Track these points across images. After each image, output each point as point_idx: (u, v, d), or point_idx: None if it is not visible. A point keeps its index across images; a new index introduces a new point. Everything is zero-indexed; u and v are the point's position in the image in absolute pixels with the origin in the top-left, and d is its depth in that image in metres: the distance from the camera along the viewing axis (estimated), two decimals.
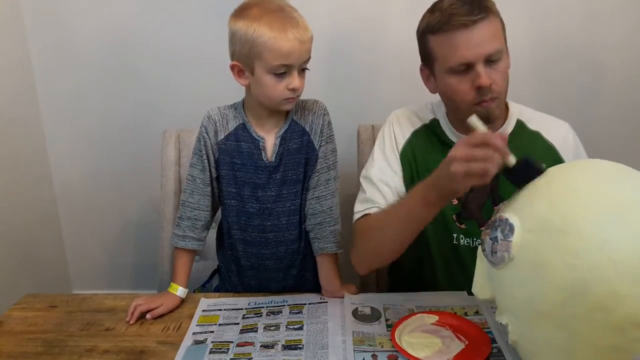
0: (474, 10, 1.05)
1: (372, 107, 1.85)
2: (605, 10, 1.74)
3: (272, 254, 1.21)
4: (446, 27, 1.07)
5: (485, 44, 1.06)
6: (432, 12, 1.11)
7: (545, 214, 0.78)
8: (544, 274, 0.76)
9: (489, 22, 1.06)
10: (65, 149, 1.98)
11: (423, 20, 1.14)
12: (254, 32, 1.03)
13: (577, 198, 0.77)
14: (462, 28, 1.05)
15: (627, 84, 1.81)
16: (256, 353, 0.99)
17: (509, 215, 0.81)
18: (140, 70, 1.87)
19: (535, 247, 0.77)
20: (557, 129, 1.21)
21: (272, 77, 1.07)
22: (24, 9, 1.83)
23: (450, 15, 1.06)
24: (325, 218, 1.18)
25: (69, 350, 1.03)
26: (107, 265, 2.13)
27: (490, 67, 1.07)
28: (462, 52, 1.06)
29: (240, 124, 1.18)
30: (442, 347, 0.97)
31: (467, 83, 1.09)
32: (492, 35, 1.07)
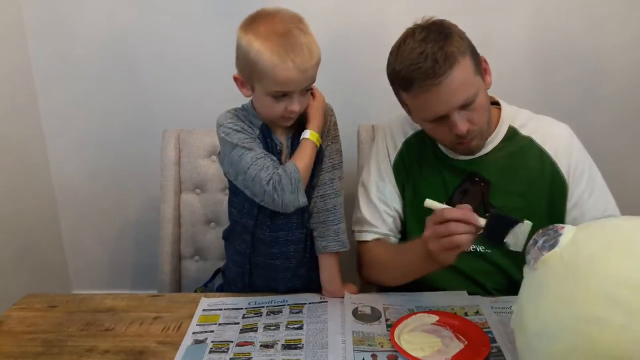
0: (437, 68, 1.01)
1: (372, 107, 1.85)
2: (606, 14, 1.74)
3: (282, 253, 1.20)
4: (411, 89, 1.05)
5: (455, 97, 1.04)
6: (396, 59, 1.07)
7: (583, 257, 0.75)
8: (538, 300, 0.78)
9: (455, 73, 1.02)
10: (65, 149, 1.98)
11: (389, 65, 1.10)
12: (255, 56, 1.01)
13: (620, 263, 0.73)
14: (427, 90, 1.03)
15: (629, 88, 1.81)
16: (256, 353, 0.99)
17: (564, 234, 0.79)
18: (140, 70, 1.87)
19: (550, 277, 0.77)
20: (553, 133, 1.19)
21: (270, 99, 1.06)
22: (25, 11, 1.83)
23: (412, 78, 1.03)
24: (328, 217, 1.18)
25: (69, 350, 1.03)
26: (106, 265, 2.13)
27: (466, 110, 1.06)
28: (433, 109, 1.06)
29: (262, 124, 1.14)
30: (441, 347, 0.97)
31: (444, 128, 1.09)
32: (461, 85, 1.03)
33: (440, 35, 1.03)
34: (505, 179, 1.17)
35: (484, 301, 1.12)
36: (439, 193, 1.19)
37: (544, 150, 1.17)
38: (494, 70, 1.16)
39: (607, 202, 1.18)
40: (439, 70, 1.01)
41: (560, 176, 1.16)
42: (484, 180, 1.17)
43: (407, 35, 1.07)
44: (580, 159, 1.18)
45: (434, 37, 1.03)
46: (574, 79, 1.81)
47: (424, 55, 1.01)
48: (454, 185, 1.19)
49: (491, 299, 1.13)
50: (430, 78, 1.01)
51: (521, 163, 1.17)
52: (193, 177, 1.57)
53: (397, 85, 1.10)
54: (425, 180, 1.22)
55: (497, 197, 1.17)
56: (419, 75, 1.02)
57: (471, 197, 1.18)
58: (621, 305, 0.68)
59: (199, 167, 1.57)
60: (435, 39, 1.03)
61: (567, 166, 1.16)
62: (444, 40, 1.03)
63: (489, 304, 1.11)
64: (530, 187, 1.16)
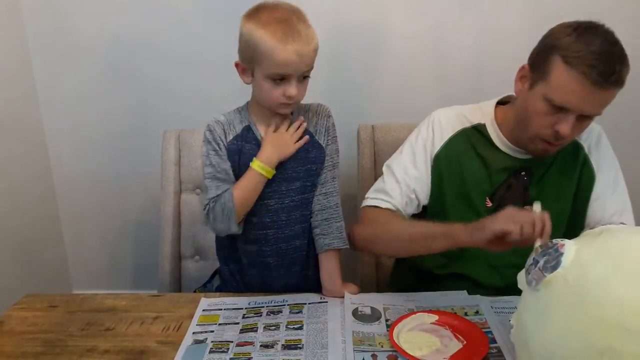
0: (612, 76, 1.01)
1: (372, 107, 1.85)
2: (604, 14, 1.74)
3: (273, 251, 1.21)
4: (580, 70, 1.02)
5: (594, 107, 1.06)
6: (578, 39, 1.04)
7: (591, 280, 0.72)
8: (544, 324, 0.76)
9: (612, 91, 1.04)
10: (65, 149, 1.99)
11: (562, 37, 1.07)
12: (256, 39, 1.06)
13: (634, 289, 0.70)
14: (590, 83, 1.02)
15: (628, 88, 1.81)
16: (256, 353, 0.99)
17: (566, 253, 0.76)
18: (141, 70, 1.87)
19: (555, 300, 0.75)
20: (588, 130, 1.20)
21: (269, 83, 1.09)
22: (25, 12, 1.83)
23: (592, 64, 1.01)
24: (332, 214, 1.20)
25: (69, 350, 1.03)
26: (107, 265, 2.13)
27: (578, 120, 1.07)
28: (573, 99, 1.04)
29: (246, 125, 1.19)
30: (439, 346, 0.97)
31: (552, 119, 1.08)
32: (604, 102, 1.05)
33: (624, 54, 1.05)
34: (545, 174, 1.21)
35: (484, 301, 1.12)
36: (483, 187, 1.21)
37: (579, 143, 1.22)
38: (493, 70, 1.16)
39: (625, 204, 1.23)
40: (613, 79, 1.01)
41: (590, 167, 1.21)
42: (529, 173, 1.20)
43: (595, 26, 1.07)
44: (609, 157, 1.24)
45: (621, 51, 1.05)
46: None
47: (612, 56, 1.02)
48: (499, 180, 1.21)
49: (491, 299, 1.13)
50: (604, 78, 1.01)
51: (560, 155, 1.20)
52: (193, 177, 1.57)
53: (563, 56, 1.04)
54: (470, 174, 1.22)
55: (534, 189, 1.20)
56: (599, 67, 1.01)
57: (514, 191, 1.20)
58: (637, 336, 0.66)
59: (199, 168, 1.57)
60: (621, 55, 1.04)
61: (597, 160, 1.22)
62: (625, 61, 1.04)
63: (489, 303, 1.11)
64: (563, 178, 1.20)
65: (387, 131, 1.56)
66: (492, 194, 1.21)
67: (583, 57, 1.02)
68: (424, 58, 1.84)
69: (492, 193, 1.21)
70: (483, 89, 1.73)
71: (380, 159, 1.54)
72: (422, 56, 1.84)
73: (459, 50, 1.78)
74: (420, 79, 1.86)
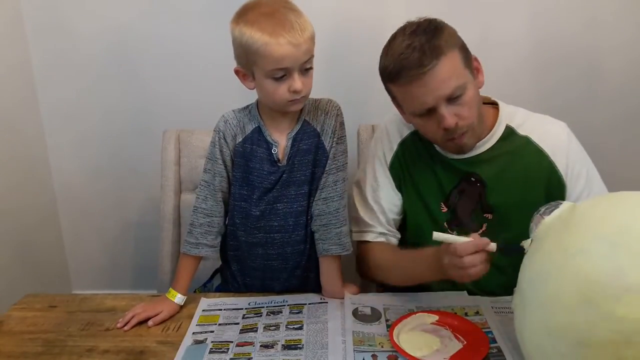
0: (424, 58, 1.02)
1: (372, 107, 1.84)
2: (604, 15, 1.74)
3: (279, 255, 1.20)
4: (399, 80, 1.06)
5: (442, 88, 1.04)
6: (386, 54, 1.09)
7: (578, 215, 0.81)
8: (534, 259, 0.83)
9: (441, 64, 1.03)
10: (65, 149, 1.98)
11: (380, 61, 1.11)
12: (247, 39, 1.02)
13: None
14: (414, 80, 1.04)
15: (626, 88, 1.81)
16: (256, 353, 0.99)
17: (565, 203, 0.85)
18: (141, 70, 1.87)
19: (546, 232, 0.83)
20: (550, 131, 1.19)
21: (271, 81, 1.06)
22: (25, 12, 1.83)
23: (400, 68, 1.04)
24: (331, 220, 1.17)
25: (69, 350, 1.03)
26: (107, 265, 2.13)
27: (454, 104, 1.06)
28: (419, 100, 1.06)
29: (256, 127, 1.16)
30: (439, 346, 0.97)
31: (433, 123, 1.09)
32: (448, 76, 1.04)
33: (428, 29, 1.06)
34: (502, 178, 1.17)
35: (485, 301, 1.12)
36: (436, 193, 1.20)
37: (542, 150, 1.17)
38: (492, 70, 1.15)
39: None
40: (425, 61, 1.02)
41: (558, 175, 1.16)
42: (480, 180, 1.17)
43: (398, 32, 1.09)
44: (578, 158, 1.18)
45: (423, 30, 1.05)
46: (572, 79, 1.81)
47: (412, 47, 1.03)
48: (451, 185, 1.19)
49: (491, 299, 1.13)
50: (416, 68, 1.03)
51: (518, 162, 1.17)
52: (193, 177, 1.57)
53: (386, 79, 1.10)
54: (423, 180, 1.22)
55: (494, 197, 1.17)
56: (406, 65, 1.03)
57: (468, 197, 1.18)
58: (606, 239, 0.73)
59: (199, 167, 1.55)
60: (424, 32, 1.05)
61: (564, 165, 1.16)
62: (433, 34, 1.05)
63: (490, 304, 1.11)
64: (527, 187, 1.16)
65: None
66: (446, 199, 1.19)
67: (393, 68, 1.06)
68: None
69: (446, 198, 1.19)
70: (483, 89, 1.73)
71: None
72: None
73: None
74: None
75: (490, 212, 1.17)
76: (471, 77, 1.09)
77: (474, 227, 1.18)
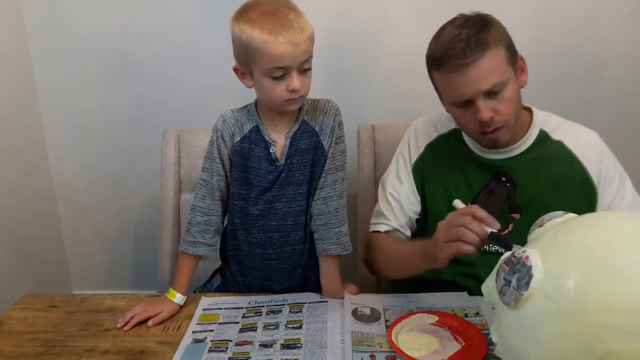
0: (469, 50, 1.04)
1: (372, 107, 1.85)
2: (603, 10, 1.74)
3: (277, 254, 1.20)
4: (443, 68, 1.09)
5: (482, 82, 1.06)
6: (434, 42, 1.12)
7: (569, 290, 0.71)
8: (536, 344, 0.74)
9: (485, 58, 1.05)
10: (65, 149, 1.99)
11: (428, 49, 1.14)
12: (247, 37, 1.03)
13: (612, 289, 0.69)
14: (456, 70, 1.06)
15: (625, 83, 1.82)
16: (255, 352, 0.99)
17: (534, 264, 0.74)
18: (141, 69, 1.87)
19: (541, 317, 0.73)
20: (583, 138, 1.21)
21: (270, 80, 1.06)
22: (25, 11, 1.83)
23: (445, 57, 1.07)
24: (330, 219, 1.17)
25: (69, 350, 1.03)
26: (107, 265, 2.13)
27: (492, 99, 1.08)
28: (459, 90, 1.08)
29: (254, 126, 1.17)
30: (438, 347, 0.97)
31: (470, 115, 1.11)
32: (490, 71, 1.06)
33: (478, 23, 1.08)
34: (533, 181, 1.18)
35: (485, 302, 1.12)
36: (465, 192, 1.20)
37: (574, 155, 1.18)
38: None
39: (636, 204, 1.19)
40: (469, 52, 1.05)
41: (590, 181, 1.17)
42: (511, 180, 1.18)
43: (448, 23, 1.12)
44: (611, 165, 1.19)
45: (472, 23, 1.08)
46: (571, 79, 1.81)
47: (458, 38, 1.06)
48: (479, 186, 1.20)
49: None
50: (459, 58, 1.05)
51: (550, 166, 1.18)
52: (193, 177, 1.57)
53: (431, 65, 1.13)
54: (451, 180, 1.22)
55: (523, 198, 1.18)
56: (451, 54, 1.06)
57: (496, 197, 1.19)
58: (631, 332, 0.67)
59: (199, 167, 1.55)
60: (473, 25, 1.08)
61: (597, 172, 1.17)
62: (481, 28, 1.07)
63: (490, 304, 1.11)
64: (557, 190, 1.17)
65: (387, 131, 1.56)
66: (473, 200, 1.19)
67: (439, 56, 1.09)
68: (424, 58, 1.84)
69: (474, 199, 1.20)
70: None
71: (380, 158, 1.54)
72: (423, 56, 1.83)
73: None
74: (420, 79, 1.85)
75: (518, 212, 1.18)
76: (514, 75, 1.11)
77: (501, 227, 1.18)
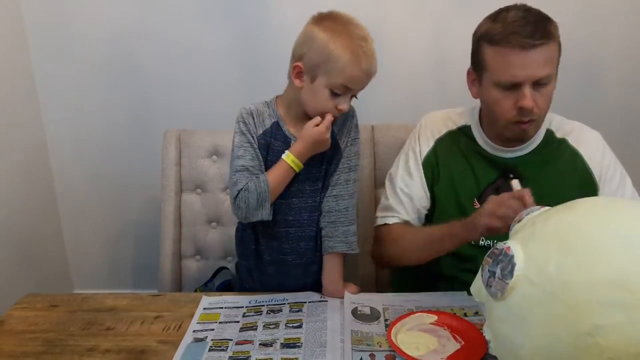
0: (536, 33, 1.05)
1: (372, 107, 1.84)
2: (606, 14, 1.74)
3: (292, 249, 1.21)
4: (504, 43, 1.07)
5: (538, 69, 1.07)
6: (495, 20, 1.11)
7: (551, 272, 0.72)
8: (528, 331, 0.74)
9: (547, 47, 1.06)
10: (65, 149, 1.99)
11: (482, 26, 1.13)
12: (334, 50, 1.06)
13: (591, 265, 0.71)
14: (519, 48, 1.06)
15: (627, 88, 1.82)
16: (255, 351, 1.00)
17: (516, 254, 0.76)
18: (142, 69, 1.88)
19: (529, 303, 0.74)
20: (586, 136, 1.23)
21: (328, 94, 1.10)
22: (25, 11, 1.84)
23: (511, 32, 1.06)
24: (339, 217, 1.19)
25: (70, 349, 1.03)
26: (107, 265, 2.13)
27: (536, 90, 1.09)
28: (513, 71, 1.08)
29: (275, 122, 1.18)
30: (437, 346, 0.98)
31: (511, 100, 1.10)
32: (546, 60, 1.07)
33: (541, 14, 1.09)
34: (539, 179, 1.19)
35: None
36: (471, 188, 1.22)
37: (577, 152, 1.21)
38: None
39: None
40: (537, 35, 1.05)
41: (592, 178, 1.20)
42: (519, 177, 1.18)
43: (510, 6, 1.11)
44: (612, 163, 1.22)
45: (537, 13, 1.09)
46: (570, 80, 1.81)
47: (526, 19, 1.06)
48: (486, 182, 1.21)
49: None
50: (527, 37, 1.05)
51: (555, 163, 1.21)
52: (194, 177, 1.57)
53: (487, 40, 1.11)
54: (459, 175, 1.23)
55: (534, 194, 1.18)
56: (519, 31, 1.05)
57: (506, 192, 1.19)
58: (615, 305, 0.68)
59: (200, 167, 1.57)
60: (539, 14, 1.09)
61: (599, 169, 1.20)
62: (546, 19, 1.09)
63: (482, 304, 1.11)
64: (561, 186, 1.18)
65: (387, 131, 1.56)
66: (479, 196, 1.21)
67: (502, 31, 1.08)
68: (424, 58, 1.84)
69: (480, 195, 1.21)
70: None
71: (381, 158, 1.55)
72: (423, 56, 1.84)
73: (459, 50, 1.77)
74: (420, 79, 1.87)
75: None
76: (556, 74, 1.12)
77: None
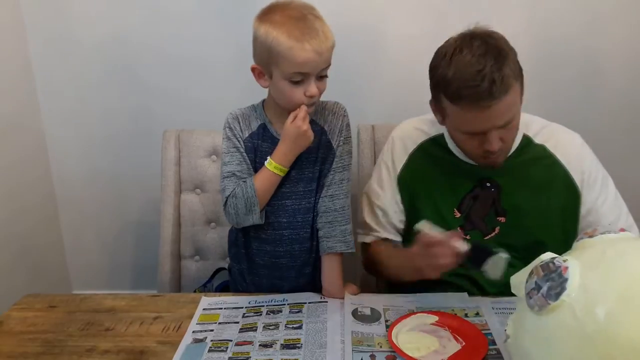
0: (495, 90, 0.99)
1: (372, 107, 1.85)
2: (605, 14, 1.74)
3: (286, 252, 1.20)
4: (460, 102, 1.03)
5: (499, 118, 1.04)
6: (449, 66, 1.03)
7: (599, 315, 0.69)
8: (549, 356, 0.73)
9: (506, 97, 1.01)
10: (65, 149, 1.99)
11: (437, 67, 1.06)
12: (273, 40, 1.04)
13: None
14: (476, 110, 1.02)
15: (627, 88, 1.82)
16: (255, 352, 1.00)
17: (571, 278, 0.72)
18: (141, 71, 1.87)
19: (562, 333, 0.72)
20: (565, 141, 1.21)
21: (288, 84, 1.07)
22: (25, 12, 1.83)
23: (467, 93, 1.00)
24: (336, 217, 1.18)
25: (69, 350, 1.03)
26: (106, 266, 2.13)
27: (502, 129, 1.06)
28: (472, 124, 1.06)
29: (262, 124, 1.18)
30: (438, 347, 0.97)
31: (475, 141, 1.09)
32: (508, 108, 1.03)
33: (500, 55, 1.01)
34: (517, 185, 1.18)
35: (485, 302, 1.12)
36: (449, 199, 1.21)
37: (556, 159, 1.19)
38: None
39: (620, 210, 1.20)
40: (495, 94, 0.99)
41: (573, 184, 1.18)
42: (496, 185, 1.18)
43: (464, 44, 1.04)
44: (593, 167, 1.20)
45: (494, 55, 1.01)
46: (571, 79, 1.81)
47: (482, 75, 0.99)
48: (464, 191, 1.21)
49: (492, 299, 1.13)
50: (484, 100, 1.00)
51: (534, 170, 1.19)
52: (193, 177, 1.57)
53: (444, 94, 1.06)
54: (436, 186, 1.23)
55: (508, 201, 1.18)
56: (474, 94, 1.00)
57: (481, 202, 1.19)
58: None
59: (199, 167, 1.57)
60: (495, 58, 1.00)
61: (580, 174, 1.18)
62: (503, 61, 1.01)
63: (490, 304, 1.11)
64: (541, 194, 1.18)
65: (387, 131, 1.55)
66: (459, 205, 1.20)
67: (457, 89, 1.02)
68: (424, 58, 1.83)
69: (459, 204, 1.20)
70: None
71: None
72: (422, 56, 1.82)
73: None
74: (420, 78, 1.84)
75: (503, 216, 1.19)
76: (520, 101, 1.09)
77: (487, 231, 1.19)
